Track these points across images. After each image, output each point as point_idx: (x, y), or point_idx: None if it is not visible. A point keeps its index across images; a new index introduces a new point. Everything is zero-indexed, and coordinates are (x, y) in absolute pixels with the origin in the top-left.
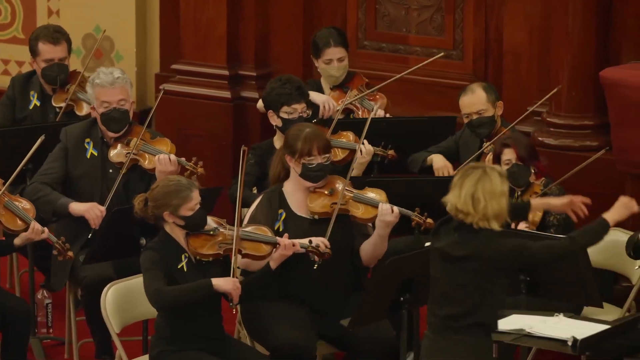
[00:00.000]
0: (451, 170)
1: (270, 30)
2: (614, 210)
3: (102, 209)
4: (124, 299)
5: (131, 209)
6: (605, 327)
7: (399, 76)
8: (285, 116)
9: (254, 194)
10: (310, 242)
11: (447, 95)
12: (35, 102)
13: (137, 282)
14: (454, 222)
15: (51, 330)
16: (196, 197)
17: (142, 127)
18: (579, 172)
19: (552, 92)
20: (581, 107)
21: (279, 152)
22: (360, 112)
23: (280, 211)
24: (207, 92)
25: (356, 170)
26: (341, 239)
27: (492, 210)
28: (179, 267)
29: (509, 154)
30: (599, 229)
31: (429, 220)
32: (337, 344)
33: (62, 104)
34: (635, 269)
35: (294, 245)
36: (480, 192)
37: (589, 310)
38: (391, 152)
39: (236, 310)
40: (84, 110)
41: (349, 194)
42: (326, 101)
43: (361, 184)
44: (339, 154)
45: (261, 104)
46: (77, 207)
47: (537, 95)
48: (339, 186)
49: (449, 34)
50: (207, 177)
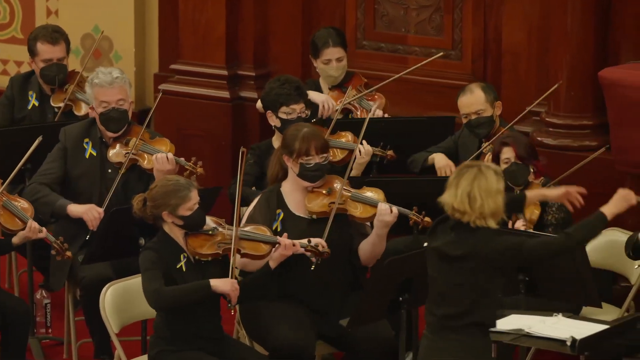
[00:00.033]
0: (453, 169)
1: (269, 30)
2: (612, 203)
3: (100, 210)
4: (123, 299)
5: (130, 209)
6: (604, 327)
7: (397, 76)
8: (284, 116)
9: (256, 191)
10: (309, 241)
11: (445, 95)
12: (33, 102)
13: (136, 282)
14: (450, 222)
15: (50, 330)
16: (195, 196)
17: (141, 127)
18: (578, 171)
19: (553, 88)
20: (580, 107)
21: (277, 152)
22: (358, 112)
23: (278, 211)
24: (206, 92)
25: (355, 170)
26: (339, 239)
27: (488, 208)
28: (178, 267)
29: (507, 153)
30: (597, 222)
31: (427, 219)
32: (336, 344)
33: (61, 104)
34: (635, 267)
35: (294, 245)
36: (476, 191)
37: (587, 310)
38: (390, 152)
39: (235, 310)
40: (82, 110)
41: (347, 194)
42: (325, 100)
43: (360, 183)
44: (338, 155)
45: (260, 104)
46: (75, 209)
47: (535, 95)
48: (337, 186)
49: (448, 33)
50: (207, 177)
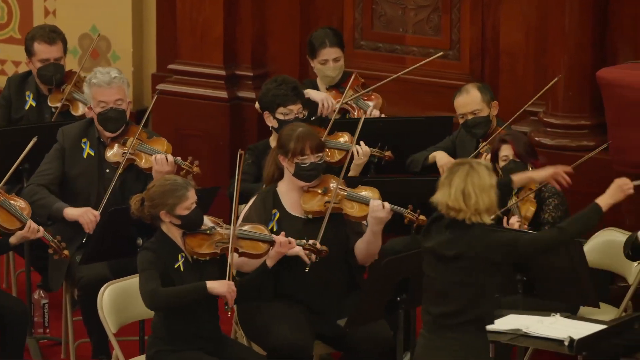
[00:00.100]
0: None
1: (266, 30)
2: (607, 193)
3: (96, 213)
4: (121, 299)
5: (128, 209)
6: (601, 327)
7: (395, 76)
8: (281, 117)
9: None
10: (307, 239)
11: (443, 95)
12: (31, 102)
13: (134, 282)
14: (445, 220)
15: (48, 330)
16: (192, 196)
17: (138, 127)
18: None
19: (551, 83)
20: (578, 107)
21: (273, 153)
22: (355, 112)
23: (274, 211)
24: (203, 92)
25: (353, 171)
26: (335, 238)
27: (483, 204)
28: (176, 266)
29: (506, 150)
30: (591, 214)
31: (422, 217)
32: (334, 343)
33: (58, 104)
34: (635, 266)
35: (290, 242)
36: (470, 187)
37: (585, 310)
38: (388, 153)
39: (232, 311)
40: (79, 110)
41: (342, 193)
42: (325, 99)
43: (356, 183)
44: (336, 155)
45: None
46: (71, 212)
47: (533, 95)
48: (333, 185)
49: (446, 33)
50: (204, 177)
